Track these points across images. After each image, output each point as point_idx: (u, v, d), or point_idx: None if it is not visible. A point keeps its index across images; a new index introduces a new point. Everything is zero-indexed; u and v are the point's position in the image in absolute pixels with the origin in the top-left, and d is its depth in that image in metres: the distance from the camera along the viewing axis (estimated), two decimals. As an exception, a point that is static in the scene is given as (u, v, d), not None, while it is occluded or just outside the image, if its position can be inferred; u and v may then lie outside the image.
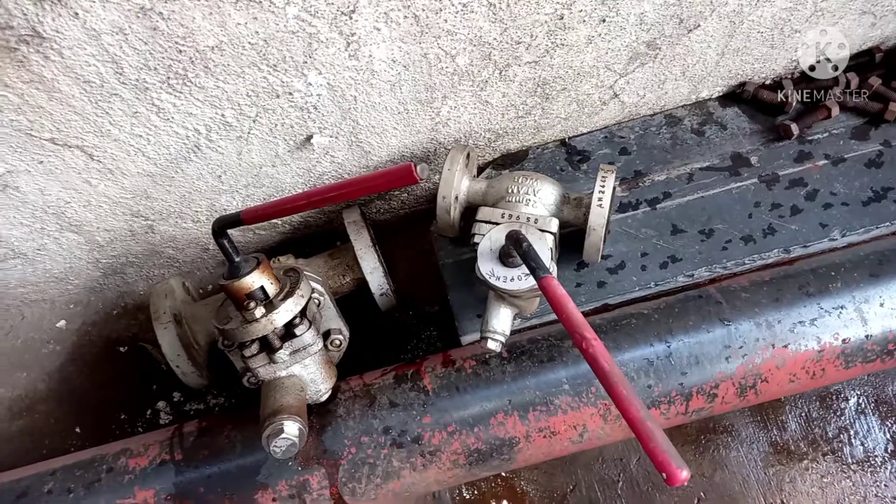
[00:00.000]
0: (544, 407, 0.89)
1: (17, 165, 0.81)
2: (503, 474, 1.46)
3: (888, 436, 1.40)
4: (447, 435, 0.89)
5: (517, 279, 0.78)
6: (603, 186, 0.87)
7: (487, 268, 0.80)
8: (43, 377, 1.32)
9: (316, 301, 0.94)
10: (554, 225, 0.87)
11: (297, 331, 0.84)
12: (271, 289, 0.83)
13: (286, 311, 0.81)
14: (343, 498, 0.90)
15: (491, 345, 0.85)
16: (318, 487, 0.89)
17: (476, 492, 1.45)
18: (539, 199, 0.91)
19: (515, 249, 0.74)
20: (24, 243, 0.97)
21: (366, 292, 1.12)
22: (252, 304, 0.79)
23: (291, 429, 0.78)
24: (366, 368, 1.01)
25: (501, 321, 0.85)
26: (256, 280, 0.81)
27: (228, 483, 0.89)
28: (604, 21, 0.87)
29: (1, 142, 0.76)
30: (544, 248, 0.78)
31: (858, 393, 1.42)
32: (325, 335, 0.96)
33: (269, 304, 0.81)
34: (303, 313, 0.86)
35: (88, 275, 1.11)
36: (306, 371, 0.88)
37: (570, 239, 0.95)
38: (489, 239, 0.81)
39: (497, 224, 0.85)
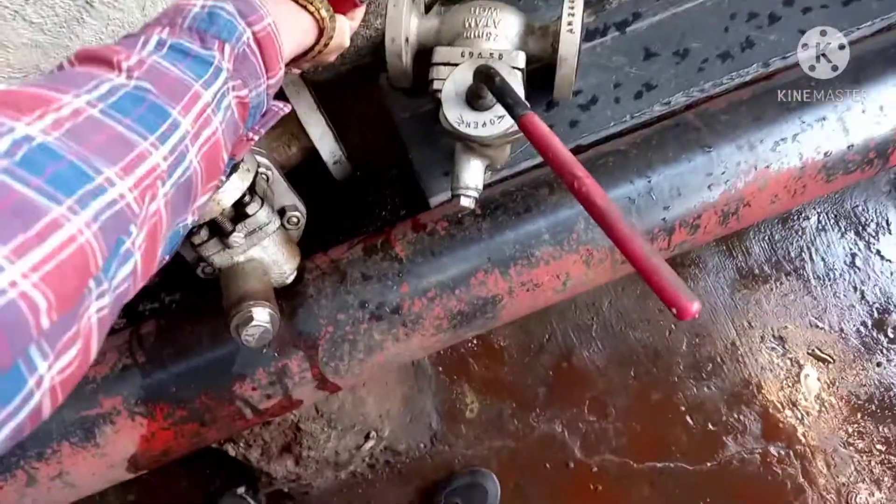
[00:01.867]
0: (525, 260, 0.85)
1: None
2: (479, 333, 1.46)
3: (846, 249, 1.44)
4: (427, 301, 0.85)
5: (489, 123, 0.69)
6: (572, 8, 0.77)
7: (455, 114, 0.70)
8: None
9: (264, 176, 0.84)
10: (521, 59, 0.78)
11: (249, 209, 0.75)
12: (211, 165, 0.72)
13: (233, 188, 0.71)
14: (326, 377, 0.86)
15: (464, 202, 0.77)
16: (298, 371, 0.84)
17: (454, 354, 1.45)
18: (500, 32, 0.81)
19: (488, 87, 0.64)
20: None
21: (316, 163, 1.01)
22: (192, 185, 0.69)
23: (262, 315, 0.71)
24: (328, 247, 0.94)
25: (473, 175, 0.78)
26: (191, 157, 0.70)
27: (201, 378, 0.83)
28: None
29: None
30: (516, 83, 0.69)
31: (819, 211, 1.44)
32: (280, 213, 0.87)
33: (212, 183, 0.71)
34: (252, 190, 0.76)
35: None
36: (266, 253, 0.81)
37: (536, 77, 0.86)
38: (453, 81, 0.71)
39: (458, 65, 0.75)
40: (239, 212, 0.75)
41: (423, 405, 1.39)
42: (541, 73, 0.84)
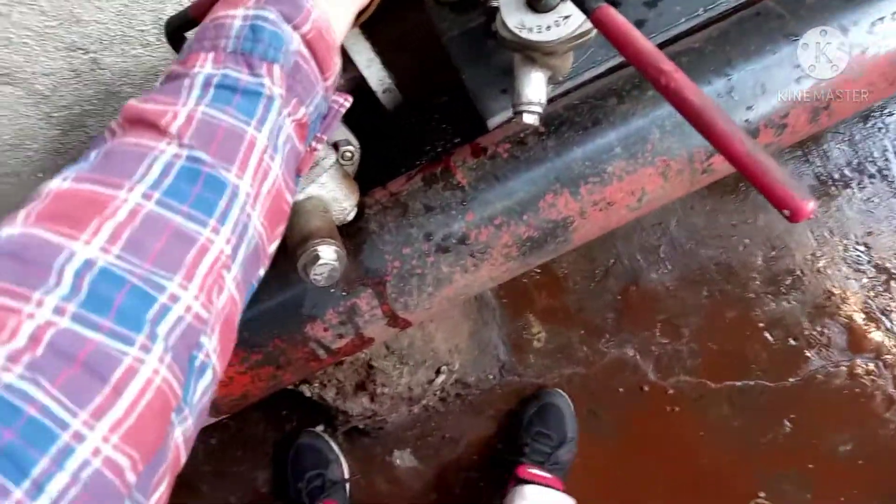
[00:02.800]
0: (596, 178, 0.79)
1: None
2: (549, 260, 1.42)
3: (938, 144, 1.32)
4: (494, 229, 0.81)
5: (555, 25, 0.63)
6: None
7: (515, 20, 0.65)
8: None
9: (315, 110, 0.81)
10: (581, -46, 0.70)
11: (305, 145, 0.72)
12: (261, 101, 0.69)
13: (287, 124, 0.68)
14: (397, 313, 0.84)
15: (528, 118, 0.72)
16: (368, 308, 0.83)
17: (517, 286, 1.42)
18: (556, -74, 0.73)
19: (553, -19, 0.58)
20: (-44, 112, 0.81)
21: (364, 95, 0.97)
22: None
23: (328, 253, 0.69)
24: (386, 183, 0.91)
25: (535, 88, 0.72)
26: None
27: (273, 322, 0.83)
28: None
29: None
30: (581, -22, 0.62)
31: (905, 105, 1.32)
32: (334, 148, 0.84)
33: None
34: (305, 125, 0.73)
35: (45, 135, 0.95)
36: (325, 190, 0.78)
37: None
38: (510, -17, 0.65)
39: (511, -34, 0.68)
40: (294, 148, 0.72)
41: (490, 338, 1.38)
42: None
